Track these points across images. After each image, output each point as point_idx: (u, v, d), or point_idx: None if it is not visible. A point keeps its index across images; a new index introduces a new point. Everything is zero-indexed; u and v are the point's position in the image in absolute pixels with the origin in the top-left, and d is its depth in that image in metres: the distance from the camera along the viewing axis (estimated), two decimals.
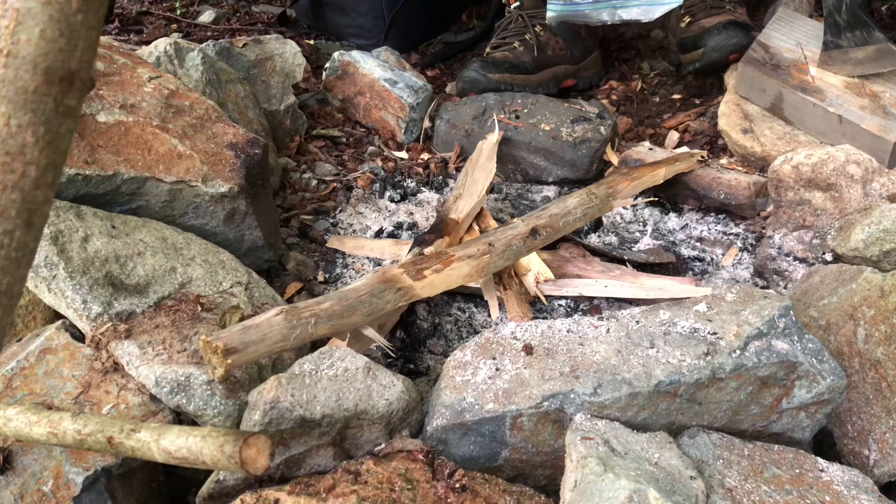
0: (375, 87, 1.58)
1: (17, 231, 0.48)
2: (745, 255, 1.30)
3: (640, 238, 1.34)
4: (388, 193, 1.43)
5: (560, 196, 1.46)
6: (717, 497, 0.76)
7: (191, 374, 0.86)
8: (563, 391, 0.84)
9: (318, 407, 0.80)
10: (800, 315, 1.04)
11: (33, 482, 0.80)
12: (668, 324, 0.93)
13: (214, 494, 0.82)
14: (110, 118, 1.08)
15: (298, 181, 1.44)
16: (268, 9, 2.23)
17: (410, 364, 1.08)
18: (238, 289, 1.03)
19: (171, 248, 1.02)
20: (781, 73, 1.39)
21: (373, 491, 0.77)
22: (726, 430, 0.89)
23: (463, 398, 0.85)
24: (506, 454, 0.86)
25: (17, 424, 0.76)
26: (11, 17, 0.45)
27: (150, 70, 1.20)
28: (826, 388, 0.88)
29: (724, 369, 0.85)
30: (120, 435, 0.72)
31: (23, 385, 0.87)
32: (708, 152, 1.48)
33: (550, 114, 1.49)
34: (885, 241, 1.08)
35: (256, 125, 1.40)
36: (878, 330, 0.99)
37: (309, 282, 1.22)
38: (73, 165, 1.00)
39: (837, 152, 1.24)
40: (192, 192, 1.07)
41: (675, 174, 1.36)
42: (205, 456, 0.68)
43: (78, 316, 0.91)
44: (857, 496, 0.80)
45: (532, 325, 0.94)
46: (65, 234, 0.94)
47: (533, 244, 1.14)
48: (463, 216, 1.26)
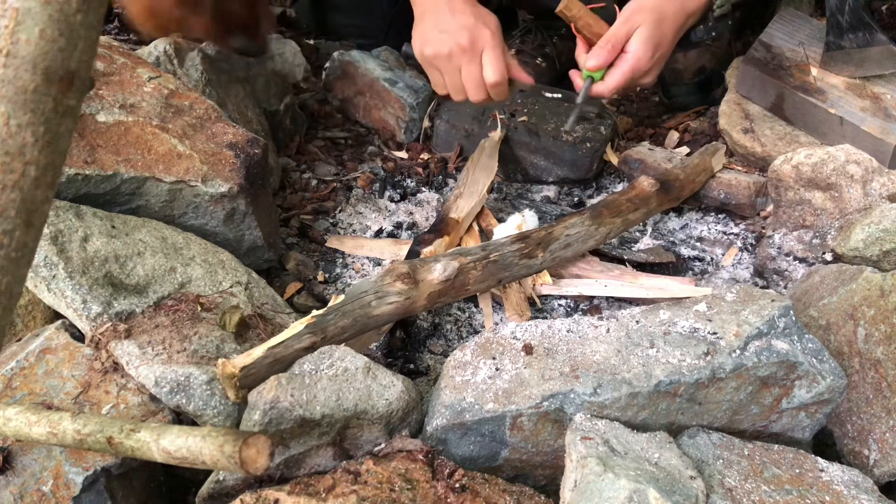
0: (375, 86, 1.58)
1: (17, 231, 0.48)
2: (745, 254, 1.30)
3: (639, 238, 1.33)
4: (387, 193, 1.43)
5: (562, 197, 1.46)
6: (716, 497, 0.76)
7: (190, 374, 0.86)
8: (563, 391, 0.84)
9: (318, 407, 0.80)
10: (800, 315, 1.04)
11: (33, 482, 0.80)
12: (668, 324, 0.93)
13: (214, 494, 0.82)
14: (110, 118, 1.08)
15: (298, 181, 1.44)
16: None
17: (410, 364, 1.08)
18: (238, 289, 1.03)
19: (171, 248, 1.02)
20: (783, 73, 1.39)
21: (373, 491, 0.77)
22: (726, 430, 0.89)
23: (463, 398, 0.85)
24: (506, 454, 0.86)
25: (17, 424, 0.76)
26: (11, 17, 0.45)
27: (150, 70, 1.20)
28: (826, 388, 0.88)
29: (724, 369, 0.85)
30: (119, 435, 0.72)
31: (22, 385, 0.87)
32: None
33: (550, 114, 1.49)
34: (885, 241, 1.08)
35: (256, 125, 1.40)
36: (878, 330, 0.99)
37: (309, 281, 1.22)
38: (72, 165, 1.00)
39: (837, 152, 1.24)
40: (192, 191, 1.07)
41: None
42: (204, 456, 0.68)
43: (78, 316, 0.91)
44: (857, 496, 0.80)
45: (532, 324, 0.94)
46: (64, 233, 0.94)
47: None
48: (463, 215, 1.26)
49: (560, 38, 1.71)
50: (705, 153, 1.36)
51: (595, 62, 1.20)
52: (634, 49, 1.19)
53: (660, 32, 1.20)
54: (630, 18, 1.20)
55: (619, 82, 1.20)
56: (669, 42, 1.22)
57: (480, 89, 1.19)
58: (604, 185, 1.49)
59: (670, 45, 1.23)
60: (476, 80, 1.18)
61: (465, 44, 1.16)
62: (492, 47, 1.17)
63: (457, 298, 1.02)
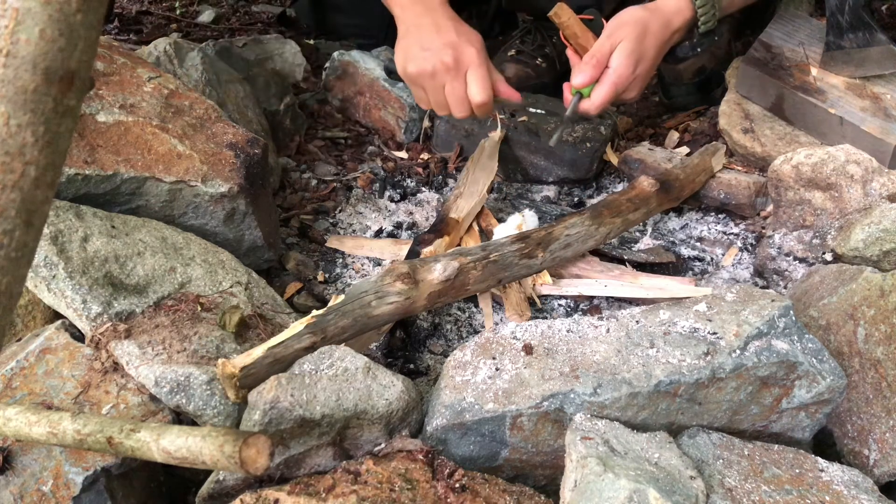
0: (375, 86, 1.58)
1: (17, 231, 0.48)
2: (744, 254, 1.30)
3: (639, 238, 1.34)
4: (387, 193, 1.43)
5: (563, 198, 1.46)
6: (716, 497, 0.76)
7: (190, 374, 0.86)
8: (562, 391, 0.84)
9: (318, 407, 0.80)
10: (800, 315, 1.04)
11: (33, 482, 0.80)
12: (668, 324, 0.93)
13: (214, 494, 0.82)
14: (110, 118, 1.08)
15: (298, 181, 1.44)
16: (268, 8, 2.23)
17: (410, 364, 1.08)
18: (238, 289, 1.03)
19: (171, 248, 1.02)
20: (783, 73, 1.39)
21: (373, 491, 0.77)
22: (726, 430, 0.89)
23: (463, 398, 0.85)
24: (506, 454, 0.86)
25: (17, 424, 0.76)
26: (11, 17, 0.45)
27: (150, 70, 1.20)
28: (826, 388, 0.88)
29: (724, 369, 0.85)
30: (119, 435, 0.72)
31: (22, 385, 0.87)
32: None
33: (550, 113, 1.49)
34: (885, 241, 1.08)
35: (256, 125, 1.40)
36: (878, 330, 0.99)
37: (309, 281, 1.22)
38: (72, 165, 1.00)
39: (837, 152, 1.24)
40: (192, 191, 1.07)
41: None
42: (204, 456, 0.68)
43: (77, 316, 0.91)
44: (857, 496, 0.80)
45: (532, 324, 0.94)
46: (64, 233, 0.94)
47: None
48: (463, 215, 1.26)
49: (560, 38, 1.70)
50: (705, 153, 1.36)
51: (581, 79, 1.20)
52: (616, 65, 1.18)
53: (642, 47, 1.19)
54: (613, 33, 1.19)
55: (603, 98, 1.19)
56: (652, 57, 1.22)
57: (464, 106, 1.19)
58: (604, 185, 1.49)
59: (653, 59, 1.23)
60: (460, 98, 1.18)
61: (448, 62, 1.15)
62: (477, 66, 1.16)
63: (457, 298, 1.02)
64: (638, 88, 1.25)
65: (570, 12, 1.24)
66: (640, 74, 1.22)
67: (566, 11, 1.23)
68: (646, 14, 1.21)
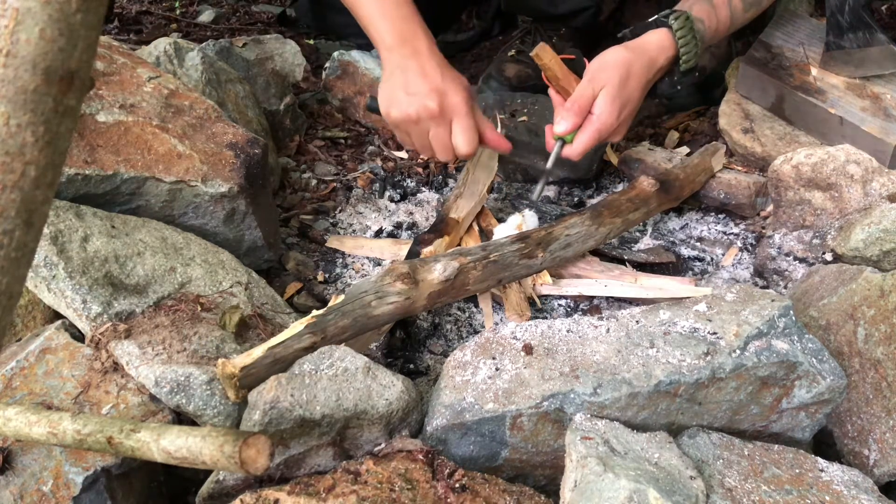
0: (375, 86, 1.58)
1: (17, 231, 0.48)
2: (744, 254, 1.30)
3: (639, 238, 1.34)
4: (387, 193, 1.43)
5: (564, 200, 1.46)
6: (716, 497, 0.76)
7: (190, 374, 0.86)
8: (562, 391, 0.84)
9: (318, 407, 0.80)
10: (800, 315, 1.04)
11: (33, 482, 0.80)
12: (668, 324, 0.93)
13: (214, 494, 0.82)
14: (110, 118, 1.08)
15: (298, 181, 1.44)
16: (268, 8, 2.23)
17: (410, 364, 1.08)
18: (238, 289, 1.03)
19: (171, 248, 1.02)
20: (783, 73, 1.39)
21: (373, 491, 0.77)
22: (726, 430, 0.89)
23: (463, 398, 0.85)
24: (506, 454, 0.86)
25: (17, 424, 0.76)
26: (11, 17, 0.45)
27: (150, 70, 1.20)
28: (826, 388, 0.88)
29: (723, 369, 0.85)
30: (120, 435, 0.72)
31: (22, 385, 0.87)
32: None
33: (551, 114, 1.48)
34: (885, 241, 1.08)
35: (256, 125, 1.40)
36: (878, 330, 0.99)
37: (309, 281, 1.22)
38: (72, 165, 1.00)
39: (837, 152, 1.24)
40: (192, 191, 1.07)
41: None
42: (204, 456, 0.68)
43: (77, 316, 0.91)
44: (857, 496, 0.80)
45: (532, 324, 0.94)
46: (64, 233, 0.94)
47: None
48: (463, 215, 1.26)
49: (560, 39, 1.70)
50: (705, 153, 1.36)
51: (564, 127, 1.17)
52: (599, 111, 1.15)
53: (626, 92, 1.16)
54: (595, 78, 1.16)
55: (586, 145, 1.17)
56: (637, 99, 1.19)
57: (448, 153, 1.15)
58: (604, 185, 1.49)
59: (638, 101, 1.20)
60: (444, 145, 1.14)
61: (433, 108, 1.11)
62: (463, 115, 1.12)
63: (457, 298, 1.02)
64: (623, 131, 1.22)
65: (552, 53, 1.21)
66: (625, 119, 1.19)
67: (548, 53, 1.20)
68: (628, 55, 1.17)
